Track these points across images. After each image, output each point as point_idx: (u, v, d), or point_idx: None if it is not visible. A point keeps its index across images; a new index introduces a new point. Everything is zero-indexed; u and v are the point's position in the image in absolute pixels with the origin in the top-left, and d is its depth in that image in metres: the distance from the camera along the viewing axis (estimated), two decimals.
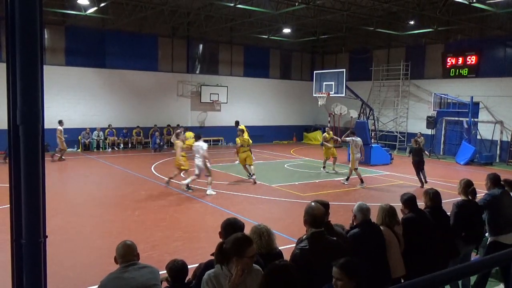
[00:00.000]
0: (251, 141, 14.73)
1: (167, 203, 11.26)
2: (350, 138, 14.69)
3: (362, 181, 13.84)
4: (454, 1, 16.26)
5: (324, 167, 16.83)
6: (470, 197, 5.73)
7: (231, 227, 3.69)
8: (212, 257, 3.55)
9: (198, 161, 12.32)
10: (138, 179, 14.53)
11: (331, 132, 17.51)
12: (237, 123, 17.11)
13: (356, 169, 14.04)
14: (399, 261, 4.60)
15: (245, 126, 17.26)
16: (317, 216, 3.71)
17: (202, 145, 12.35)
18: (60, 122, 18.54)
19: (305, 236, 3.74)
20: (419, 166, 13.97)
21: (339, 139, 16.40)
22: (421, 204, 5.23)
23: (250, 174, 14.23)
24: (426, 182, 13.89)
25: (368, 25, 21.46)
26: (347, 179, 14.32)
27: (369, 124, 20.87)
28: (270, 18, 20.58)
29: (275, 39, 25.34)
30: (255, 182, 13.92)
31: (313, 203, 3.87)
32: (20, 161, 2.68)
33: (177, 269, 4.19)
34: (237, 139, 14.48)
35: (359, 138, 14.77)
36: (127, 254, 3.56)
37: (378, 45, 26.04)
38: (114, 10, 20.07)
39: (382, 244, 4.46)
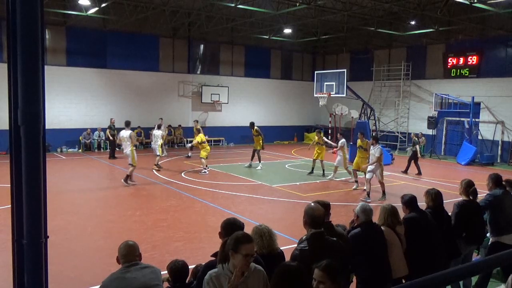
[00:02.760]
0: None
1: (168, 204, 11.26)
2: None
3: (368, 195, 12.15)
4: (455, 1, 16.25)
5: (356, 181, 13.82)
6: (471, 197, 5.73)
7: (231, 227, 3.69)
8: (213, 258, 3.56)
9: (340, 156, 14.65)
10: (139, 180, 14.53)
11: (366, 141, 13.53)
12: (252, 124, 17.93)
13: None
14: (401, 261, 4.60)
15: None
16: (316, 217, 3.69)
17: (345, 140, 15.08)
18: (160, 127, 17.51)
19: (305, 237, 3.74)
20: None
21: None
22: (422, 204, 5.23)
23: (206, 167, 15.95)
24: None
25: (369, 25, 21.45)
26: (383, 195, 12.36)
27: (370, 124, 20.86)
28: (271, 19, 20.58)
29: (276, 39, 25.34)
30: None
31: (312, 204, 3.86)
32: (22, 161, 2.68)
33: (177, 269, 4.19)
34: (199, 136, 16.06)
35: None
36: (129, 254, 3.56)
37: (379, 45, 26.03)
38: (115, 10, 20.08)
39: (383, 244, 4.46)
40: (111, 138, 19.86)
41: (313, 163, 15.89)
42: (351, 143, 18.72)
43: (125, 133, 13.67)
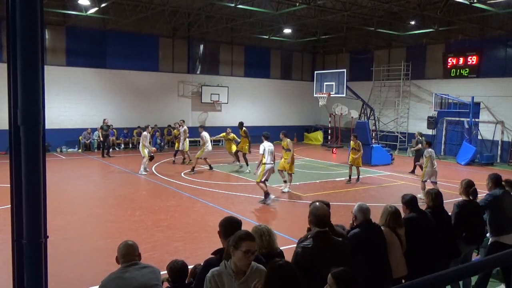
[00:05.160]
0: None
1: (168, 203, 11.26)
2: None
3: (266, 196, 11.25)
4: (455, 1, 16.25)
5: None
6: (471, 197, 5.73)
7: (230, 225, 3.71)
8: (212, 256, 3.57)
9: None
10: (139, 180, 14.54)
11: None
12: (241, 124, 17.40)
13: None
14: (401, 262, 4.60)
15: (246, 127, 17.36)
16: (320, 216, 3.73)
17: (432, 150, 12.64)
18: (203, 127, 17.32)
19: (309, 235, 3.75)
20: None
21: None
22: (422, 204, 5.23)
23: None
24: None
25: (368, 25, 21.45)
26: None
27: (370, 124, 20.86)
28: (270, 19, 20.57)
29: (276, 39, 25.33)
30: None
31: (317, 203, 3.91)
32: (21, 161, 2.68)
33: (177, 269, 4.19)
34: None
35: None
36: (129, 254, 3.56)
37: (379, 45, 26.02)
38: (114, 10, 20.08)
39: (383, 244, 4.46)
40: (101, 138, 19.85)
41: (350, 170, 14.79)
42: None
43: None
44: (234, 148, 17.20)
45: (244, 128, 17.01)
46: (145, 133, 15.90)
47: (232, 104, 26.31)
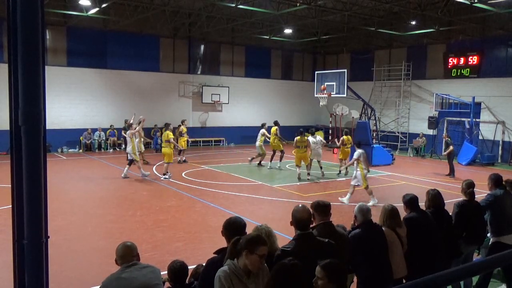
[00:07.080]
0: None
1: (169, 204, 11.26)
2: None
3: None
4: (456, 1, 16.25)
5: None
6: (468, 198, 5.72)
7: (232, 226, 3.72)
8: (215, 255, 3.57)
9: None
10: (140, 180, 14.54)
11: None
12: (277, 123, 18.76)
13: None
14: (401, 262, 4.60)
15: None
16: (298, 219, 3.71)
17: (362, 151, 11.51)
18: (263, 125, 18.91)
19: (292, 238, 3.76)
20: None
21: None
22: (423, 204, 5.23)
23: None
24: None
25: (369, 26, 21.44)
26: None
27: (371, 124, 20.84)
28: (271, 19, 20.58)
29: (277, 39, 25.33)
30: None
31: (300, 205, 3.88)
32: (22, 161, 2.68)
33: (176, 269, 4.19)
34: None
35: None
36: (126, 255, 3.56)
37: (380, 45, 26.01)
38: (115, 10, 20.09)
39: (384, 245, 4.45)
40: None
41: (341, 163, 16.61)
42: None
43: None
44: (170, 155, 14.98)
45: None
46: (134, 127, 15.25)
47: (232, 104, 26.31)
